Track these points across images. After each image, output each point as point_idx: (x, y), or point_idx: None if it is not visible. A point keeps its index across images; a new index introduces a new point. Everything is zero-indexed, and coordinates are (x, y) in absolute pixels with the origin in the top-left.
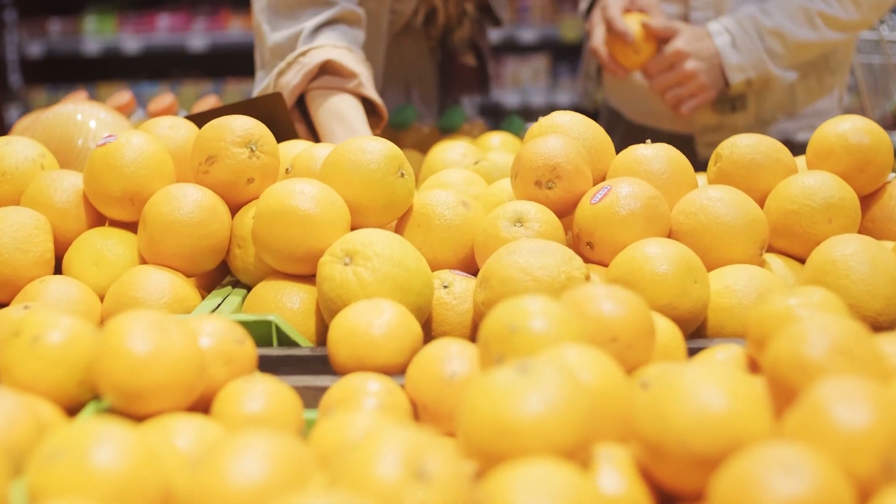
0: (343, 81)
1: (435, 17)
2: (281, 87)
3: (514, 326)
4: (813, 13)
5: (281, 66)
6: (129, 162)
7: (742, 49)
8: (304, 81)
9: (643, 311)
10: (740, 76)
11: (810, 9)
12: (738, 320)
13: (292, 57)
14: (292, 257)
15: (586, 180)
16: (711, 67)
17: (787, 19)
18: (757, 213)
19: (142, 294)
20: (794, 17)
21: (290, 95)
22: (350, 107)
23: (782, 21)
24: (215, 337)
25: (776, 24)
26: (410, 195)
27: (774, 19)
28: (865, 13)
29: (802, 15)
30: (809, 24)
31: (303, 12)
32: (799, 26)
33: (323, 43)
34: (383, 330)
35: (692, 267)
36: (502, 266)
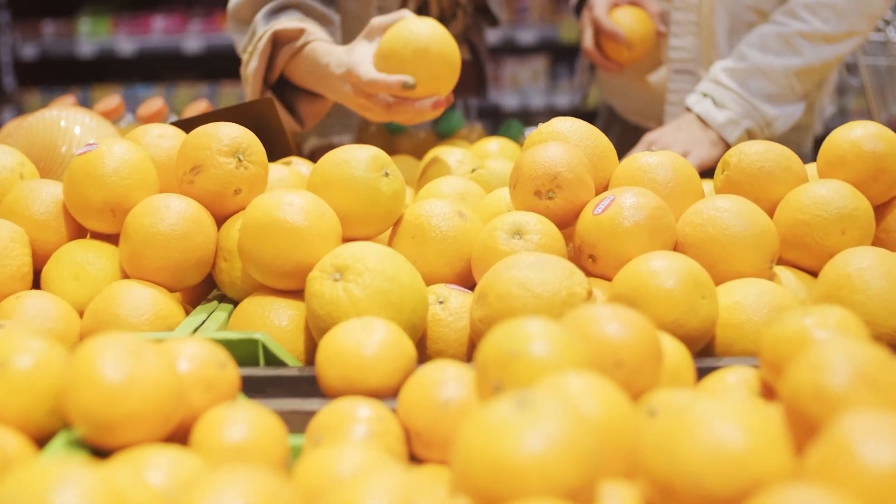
0: (293, 44)
1: (427, 10)
2: (248, 80)
3: (512, 351)
4: (791, 36)
5: (244, 58)
6: (110, 171)
7: (725, 104)
8: (263, 63)
9: (649, 332)
10: (736, 131)
11: (786, 32)
12: (748, 337)
13: (251, 47)
14: (280, 272)
15: (588, 190)
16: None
17: (764, 53)
18: (767, 224)
19: (122, 311)
20: (772, 47)
21: (256, 81)
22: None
23: (758, 57)
24: (195, 361)
25: (752, 63)
26: (398, 196)
27: (749, 59)
28: (852, 21)
29: (780, 42)
30: (790, 49)
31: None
32: (779, 55)
33: (270, 26)
34: (375, 351)
35: (700, 282)
36: (500, 281)
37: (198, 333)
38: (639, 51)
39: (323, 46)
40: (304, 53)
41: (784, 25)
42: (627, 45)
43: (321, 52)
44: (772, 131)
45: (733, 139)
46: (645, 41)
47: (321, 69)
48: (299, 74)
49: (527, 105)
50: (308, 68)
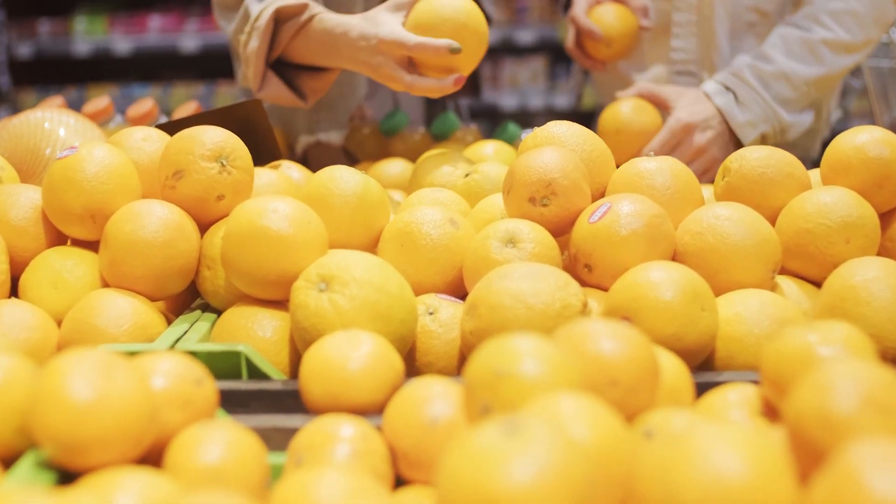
0: (297, 19)
1: None
2: (249, 59)
3: (501, 371)
4: (815, 43)
5: (244, 38)
6: (89, 176)
7: (748, 104)
8: (266, 41)
9: (646, 349)
10: (753, 133)
11: (811, 39)
12: (748, 350)
13: (249, 26)
14: (264, 281)
15: (584, 197)
16: (719, 134)
17: (788, 59)
18: (769, 232)
19: (101, 321)
20: (796, 53)
21: (259, 60)
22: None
23: (784, 62)
24: (171, 377)
25: (779, 67)
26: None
27: (775, 63)
28: (869, 30)
29: (805, 49)
30: (814, 56)
31: None
32: (803, 62)
33: (273, 2)
34: (360, 365)
35: (699, 293)
36: (492, 292)
37: (179, 345)
38: (619, 47)
39: (332, 17)
40: (311, 27)
41: (808, 31)
42: (606, 42)
43: (332, 24)
44: (784, 138)
45: (747, 141)
46: (625, 37)
47: (335, 39)
48: (306, 49)
49: (525, 105)
50: (319, 41)
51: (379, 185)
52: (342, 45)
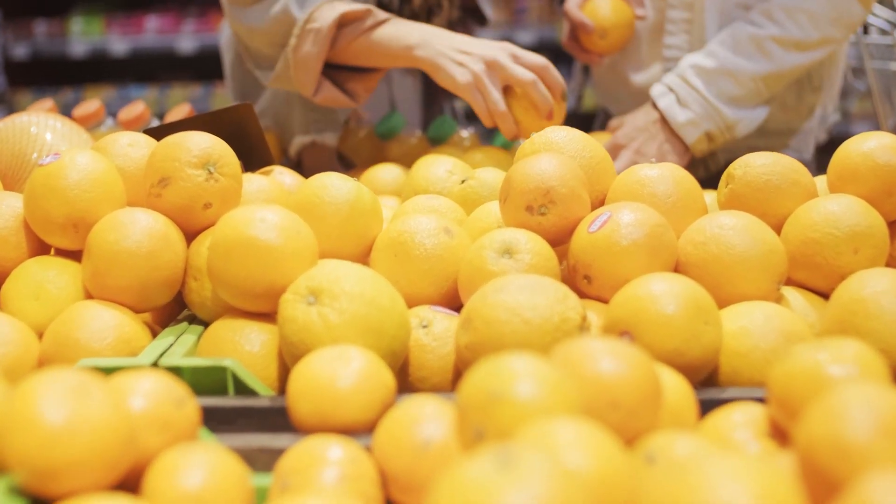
0: (362, 24)
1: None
2: (302, 62)
3: (495, 393)
4: (764, 40)
5: (292, 42)
6: (72, 184)
7: (689, 103)
8: (325, 46)
9: (647, 369)
10: (695, 132)
11: (759, 36)
12: (753, 366)
13: (299, 29)
14: (251, 293)
15: (583, 205)
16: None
17: (733, 55)
18: (774, 242)
19: (83, 334)
20: (742, 49)
21: (317, 63)
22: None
23: (728, 58)
24: (150, 397)
25: (720, 64)
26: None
27: (718, 58)
28: (825, 29)
29: (752, 45)
30: (761, 52)
31: None
32: (749, 59)
33: (316, 2)
34: (350, 383)
35: (703, 306)
36: (488, 305)
37: (163, 359)
38: (614, 38)
39: (403, 25)
40: (379, 32)
41: (759, 27)
42: (601, 34)
43: (404, 32)
44: (732, 134)
45: (691, 140)
46: (620, 28)
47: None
48: (365, 52)
49: None
50: (387, 43)
51: (372, 192)
52: (435, 41)
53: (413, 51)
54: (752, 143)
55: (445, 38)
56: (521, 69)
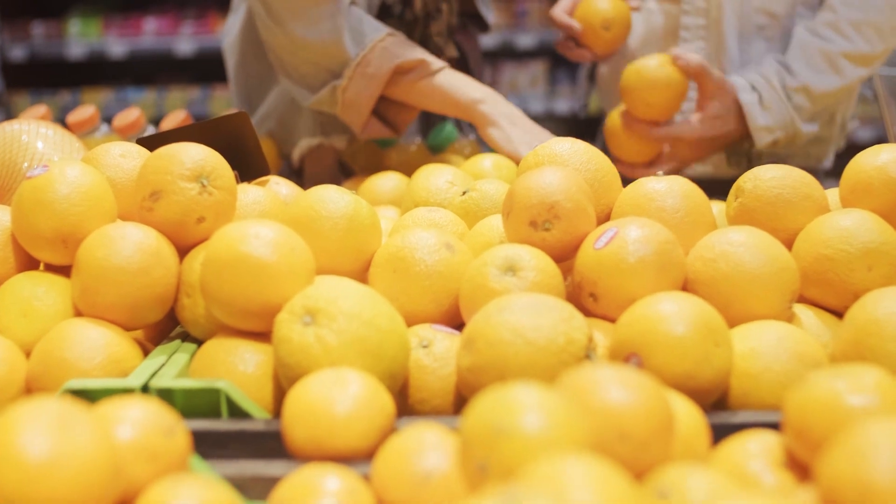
0: (414, 73)
1: (411, 5)
2: (350, 102)
3: (500, 427)
4: (835, 56)
5: (343, 82)
6: (60, 198)
7: (770, 108)
8: (378, 89)
9: (658, 398)
10: (767, 138)
11: (831, 52)
12: (765, 388)
13: (351, 70)
14: (245, 312)
15: (589, 220)
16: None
17: (811, 71)
18: (786, 260)
19: (71, 354)
20: (817, 65)
21: (368, 106)
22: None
23: (807, 75)
24: (138, 427)
25: (801, 81)
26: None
27: (799, 76)
28: (888, 40)
29: (825, 61)
30: (833, 68)
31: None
32: (822, 74)
33: (367, 40)
34: (348, 408)
35: (713, 327)
36: (490, 326)
37: (154, 380)
38: (618, 30)
39: (460, 77)
40: (438, 81)
41: (829, 42)
42: (604, 25)
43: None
44: (791, 145)
45: (760, 144)
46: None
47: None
48: (415, 95)
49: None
50: (448, 96)
51: (370, 206)
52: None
53: (478, 105)
54: (774, 150)
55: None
56: None
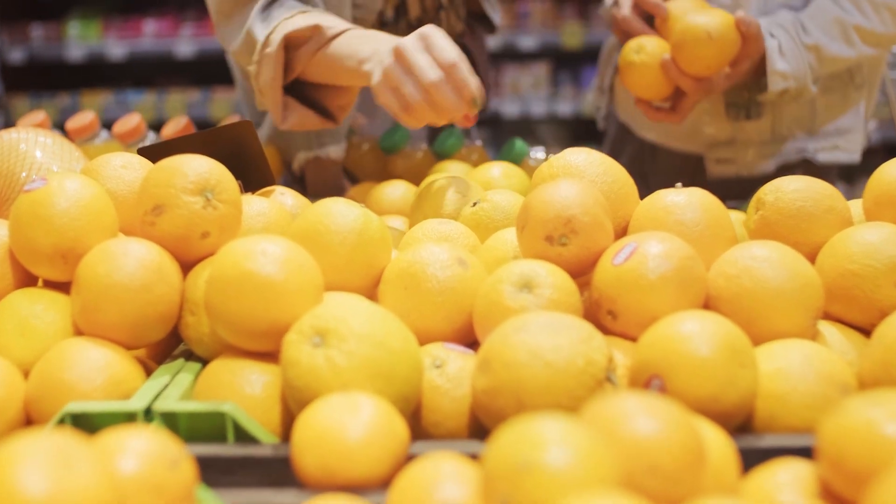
0: (313, 43)
1: (405, 10)
2: (264, 89)
3: (525, 462)
4: (848, 26)
5: (253, 70)
6: (60, 212)
7: (788, 57)
8: (279, 69)
9: (688, 429)
10: (782, 84)
11: (846, 21)
12: (791, 411)
13: (257, 55)
14: (252, 332)
15: (607, 235)
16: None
17: (822, 34)
18: (811, 276)
19: (71, 375)
20: (830, 30)
21: (276, 91)
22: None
23: (819, 36)
24: (141, 459)
25: (815, 40)
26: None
27: (813, 35)
28: None
29: (838, 28)
30: (844, 38)
31: (246, 6)
32: (833, 40)
33: (274, 22)
34: (361, 434)
35: (739, 348)
36: (507, 346)
37: (157, 403)
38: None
39: (357, 38)
40: (333, 47)
41: (846, 13)
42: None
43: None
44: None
45: (773, 89)
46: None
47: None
48: (325, 72)
49: (528, 113)
50: (340, 64)
51: (380, 219)
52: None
53: (363, 65)
54: (803, 145)
55: (389, 42)
56: (427, 67)
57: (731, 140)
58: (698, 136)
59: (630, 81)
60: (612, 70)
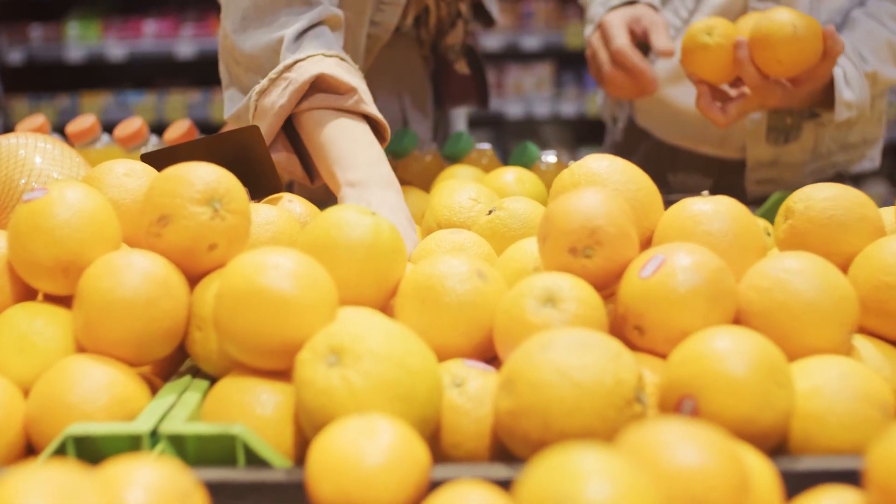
0: (339, 99)
1: (427, 19)
2: (263, 110)
3: (562, 497)
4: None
5: (263, 84)
6: (61, 223)
7: (853, 86)
8: (293, 101)
9: (732, 458)
10: (846, 114)
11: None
12: (829, 432)
13: (276, 73)
14: (263, 350)
15: (632, 246)
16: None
17: (877, 59)
18: (846, 289)
19: (73, 396)
20: (883, 54)
21: (277, 119)
22: (358, 128)
23: (875, 63)
24: (153, 492)
25: (872, 67)
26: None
27: (870, 63)
28: None
29: (890, 52)
30: (894, 59)
31: (278, 16)
32: (885, 63)
33: (310, 52)
34: (379, 460)
35: (775, 366)
36: (533, 366)
37: (163, 425)
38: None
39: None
40: (340, 125)
41: (894, 34)
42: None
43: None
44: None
45: (839, 118)
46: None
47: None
48: (313, 135)
49: (531, 113)
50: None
51: (392, 227)
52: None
53: (340, 188)
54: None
55: (377, 200)
56: None
57: (774, 162)
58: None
59: (697, 64)
60: None
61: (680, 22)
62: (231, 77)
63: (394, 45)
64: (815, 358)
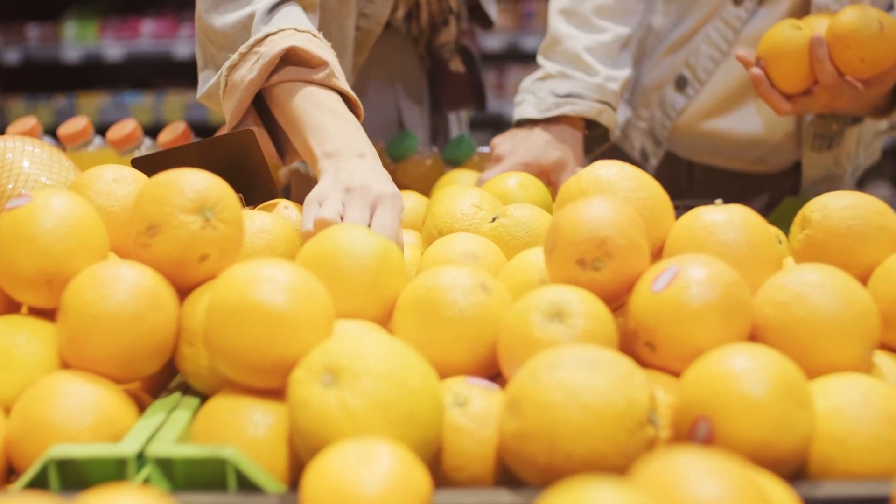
0: (310, 72)
1: (418, 15)
2: (234, 85)
3: None
4: None
5: (233, 58)
6: (44, 232)
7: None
8: (263, 75)
9: (755, 491)
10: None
11: None
12: (851, 455)
13: (246, 47)
14: (256, 368)
15: (643, 258)
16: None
17: None
18: (867, 303)
19: (56, 415)
20: None
21: (246, 93)
22: (331, 98)
23: None
24: None
25: None
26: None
27: None
28: None
29: None
30: None
31: None
32: None
33: (282, 27)
34: (378, 487)
35: (794, 386)
36: (540, 386)
37: (151, 447)
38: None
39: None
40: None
41: None
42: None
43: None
44: None
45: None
46: None
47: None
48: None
49: None
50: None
51: (398, 248)
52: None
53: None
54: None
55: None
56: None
57: (827, 177)
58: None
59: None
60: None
61: (720, 54)
62: (206, 57)
63: (388, 42)
64: (836, 376)
